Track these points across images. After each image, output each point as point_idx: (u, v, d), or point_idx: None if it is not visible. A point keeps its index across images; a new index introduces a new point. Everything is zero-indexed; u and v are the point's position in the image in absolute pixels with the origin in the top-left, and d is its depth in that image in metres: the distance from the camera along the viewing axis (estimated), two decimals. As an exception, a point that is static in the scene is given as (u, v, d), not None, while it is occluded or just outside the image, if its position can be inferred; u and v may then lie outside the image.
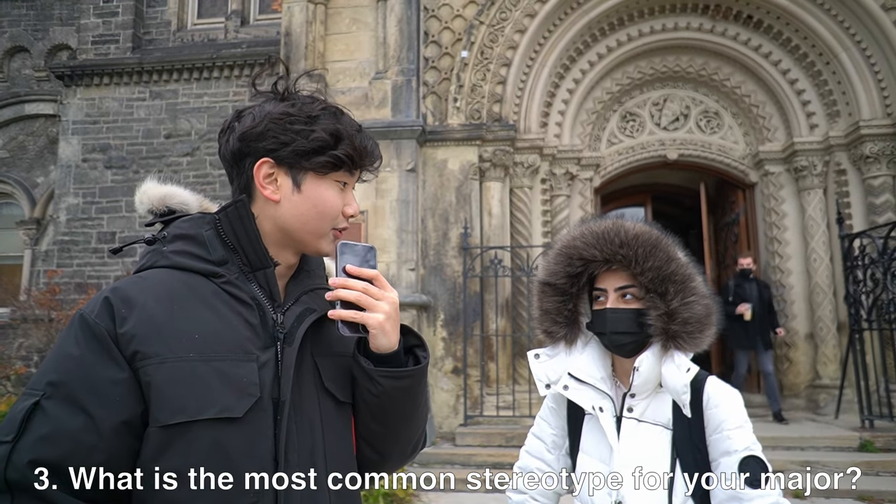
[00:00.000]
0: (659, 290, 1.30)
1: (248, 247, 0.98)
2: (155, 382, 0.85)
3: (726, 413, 1.30)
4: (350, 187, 1.03)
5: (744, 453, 1.26)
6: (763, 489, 1.25)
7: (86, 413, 0.83)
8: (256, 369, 0.90)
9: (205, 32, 9.53)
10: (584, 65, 7.90)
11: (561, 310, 1.42)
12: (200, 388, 0.86)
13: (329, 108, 1.01)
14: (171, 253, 0.96)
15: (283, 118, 0.97)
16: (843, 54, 7.29)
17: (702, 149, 8.13)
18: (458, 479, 5.44)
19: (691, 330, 1.29)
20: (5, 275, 9.53)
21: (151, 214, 1.04)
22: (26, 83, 10.09)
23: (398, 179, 6.94)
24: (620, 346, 1.35)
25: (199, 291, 0.93)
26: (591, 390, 1.39)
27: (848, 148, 7.38)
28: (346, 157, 0.99)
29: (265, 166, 0.98)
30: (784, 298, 7.59)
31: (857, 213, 7.28)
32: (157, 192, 1.04)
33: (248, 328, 0.93)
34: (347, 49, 7.35)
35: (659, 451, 1.32)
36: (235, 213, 0.98)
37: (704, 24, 7.78)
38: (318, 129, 0.97)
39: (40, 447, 0.80)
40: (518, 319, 7.17)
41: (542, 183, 7.71)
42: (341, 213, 1.01)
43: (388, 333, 0.95)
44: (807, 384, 7.39)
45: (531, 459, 1.54)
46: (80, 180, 8.98)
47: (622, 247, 1.32)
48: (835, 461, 5.48)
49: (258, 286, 0.98)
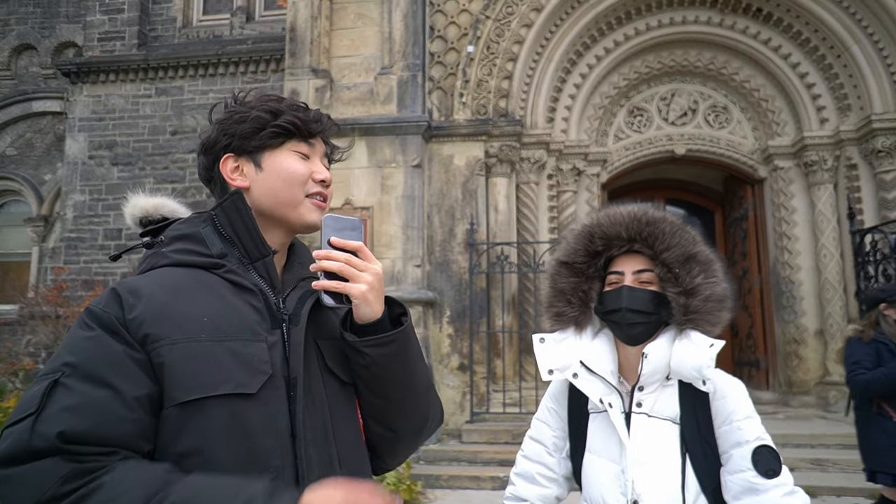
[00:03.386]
0: (684, 267, 1.31)
1: (245, 237, 1.01)
2: (168, 362, 0.86)
3: (735, 404, 1.28)
4: (316, 157, 1.07)
5: (756, 443, 1.24)
6: (778, 478, 1.23)
7: (109, 386, 0.83)
8: (266, 349, 0.93)
9: (210, 29, 9.51)
10: (590, 59, 7.83)
11: (576, 290, 1.40)
12: (213, 366, 0.88)
13: (269, 97, 1.06)
14: (171, 252, 0.99)
15: (227, 117, 1.05)
16: (855, 47, 7.19)
17: (710, 144, 8.05)
18: (465, 476, 5.43)
19: (711, 308, 1.29)
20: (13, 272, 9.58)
21: (142, 226, 1.09)
22: (34, 81, 10.13)
23: (404, 175, 6.91)
24: (631, 325, 1.32)
25: (204, 281, 0.96)
26: (601, 383, 1.36)
27: (859, 142, 7.29)
28: (289, 124, 1.03)
29: (228, 161, 1.04)
30: (793, 295, 7.51)
31: (868, 208, 7.19)
32: (150, 202, 1.10)
33: (254, 312, 0.95)
34: (353, 44, 7.31)
35: (669, 447, 1.30)
36: (232, 205, 1.02)
37: (713, 18, 7.70)
38: (254, 111, 1.03)
39: (68, 417, 0.79)
40: (525, 316, 7.13)
41: (549, 178, 7.66)
42: (311, 179, 1.04)
43: (370, 303, 0.96)
44: (816, 381, 7.32)
45: (530, 464, 1.49)
46: (87, 177, 9.00)
47: (648, 224, 1.34)
48: (846, 459, 5.42)
49: (258, 275, 1.01)
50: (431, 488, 5.26)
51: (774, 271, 7.79)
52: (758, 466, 1.23)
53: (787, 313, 7.52)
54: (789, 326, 7.50)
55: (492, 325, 6.95)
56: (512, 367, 6.92)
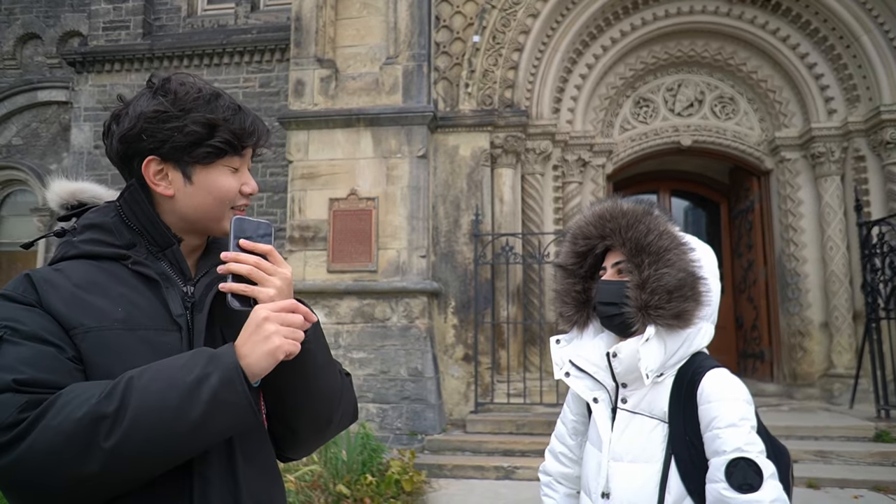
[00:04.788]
0: (636, 260, 1.32)
1: (149, 227, 1.01)
2: (83, 350, 0.89)
3: (718, 409, 1.23)
4: (244, 167, 1.06)
5: (733, 455, 1.18)
6: (754, 494, 1.15)
7: (53, 345, 0.87)
8: (180, 338, 0.95)
9: (215, 18, 9.48)
10: (597, 49, 7.78)
11: (569, 291, 1.45)
12: (127, 354, 0.90)
13: (203, 95, 1.00)
14: (81, 242, 0.99)
15: (156, 116, 0.98)
16: (865, 37, 7.12)
17: (716, 135, 8.00)
18: (469, 466, 5.46)
19: (659, 300, 1.27)
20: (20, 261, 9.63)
21: (64, 210, 1.08)
22: (39, 70, 10.13)
23: (409, 166, 6.90)
24: (608, 317, 1.36)
25: (114, 274, 0.97)
26: (588, 379, 1.40)
27: (867, 134, 7.23)
28: (225, 143, 1.00)
29: (153, 164, 1.00)
30: (799, 287, 7.49)
31: (875, 200, 7.15)
32: (67, 188, 1.09)
33: (161, 301, 0.97)
34: (358, 34, 7.28)
35: (651, 444, 1.30)
36: (131, 197, 1.02)
37: (721, 8, 7.63)
38: (188, 122, 0.98)
39: (23, 368, 0.83)
40: (529, 307, 7.14)
41: (554, 169, 7.64)
42: (238, 192, 1.04)
43: None
44: (821, 373, 7.31)
45: (556, 443, 1.56)
46: (93, 167, 9.01)
47: (610, 221, 1.38)
48: (850, 451, 5.42)
49: (168, 263, 1.02)
50: (435, 478, 5.29)
51: (780, 263, 7.76)
52: (731, 479, 1.17)
53: (793, 305, 7.50)
54: (794, 319, 7.49)
55: (496, 315, 6.96)
56: (516, 357, 6.94)
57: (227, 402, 0.84)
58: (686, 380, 1.31)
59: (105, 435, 0.80)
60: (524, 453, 5.71)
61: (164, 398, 0.82)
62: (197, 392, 0.83)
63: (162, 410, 0.82)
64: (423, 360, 6.49)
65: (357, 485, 4.61)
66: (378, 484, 4.66)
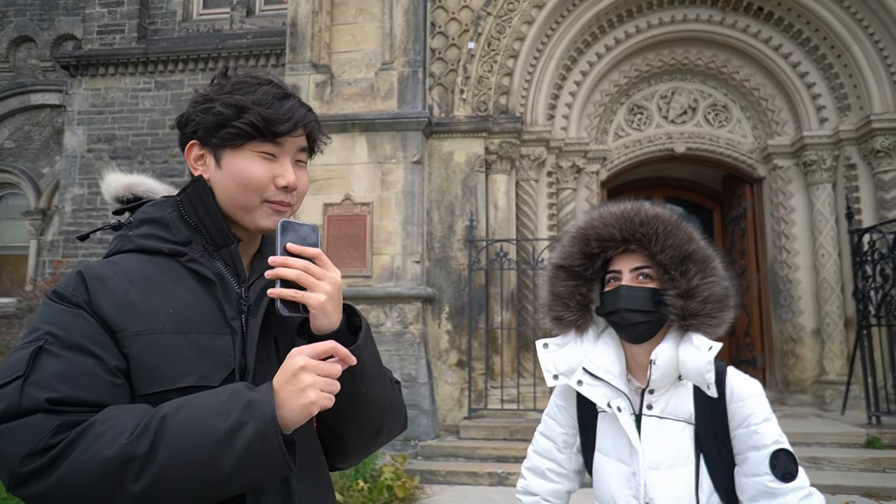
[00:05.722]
0: (679, 268, 1.27)
1: (209, 224, 0.99)
2: (132, 354, 0.86)
3: (753, 407, 1.28)
4: (284, 159, 1.00)
5: (773, 447, 1.25)
6: (795, 482, 1.23)
7: (93, 354, 0.84)
8: (231, 342, 0.92)
9: (210, 23, 9.49)
10: (591, 57, 7.83)
11: (573, 293, 1.38)
12: (176, 358, 0.87)
13: (249, 83, 0.99)
14: (137, 237, 0.97)
15: (198, 101, 1.00)
16: (856, 47, 7.20)
17: (710, 142, 8.06)
18: (462, 472, 5.45)
19: (710, 309, 1.26)
20: (11, 265, 9.57)
21: (118, 203, 1.06)
22: (32, 73, 10.10)
23: (404, 171, 6.91)
24: (632, 325, 1.30)
25: (168, 271, 0.94)
26: (605, 387, 1.34)
27: (858, 142, 7.30)
28: (249, 125, 0.96)
29: (194, 148, 1.01)
30: (791, 294, 7.54)
31: (866, 208, 7.21)
32: (122, 181, 1.07)
33: (216, 303, 0.94)
34: (354, 40, 7.30)
35: (683, 448, 1.29)
36: (195, 192, 0.99)
37: (714, 16, 7.70)
38: (217, 104, 0.97)
39: (57, 384, 0.80)
40: (523, 313, 7.14)
41: (549, 176, 7.66)
42: (272, 184, 0.98)
43: (328, 314, 0.91)
44: (813, 380, 7.35)
45: (541, 459, 1.49)
46: (86, 171, 8.98)
47: (642, 225, 1.31)
48: (841, 457, 5.45)
49: (223, 263, 0.99)
50: (428, 484, 5.28)
51: (772, 270, 7.81)
52: (775, 470, 1.23)
53: (785, 312, 7.54)
54: (786, 325, 7.53)
55: (490, 321, 6.96)
56: (510, 363, 6.94)
57: (261, 456, 0.81)
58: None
59: (134, 478, 0.77)
60: (518, 459, 5.70)
61: (196, 446, 0.79)
62: (232, 442, 0.80)
63: (193, 459, 0.79)
64: (417, 365, 6.48)
65: (349, 491, 4.59)
66: (370, 490, 4.64)
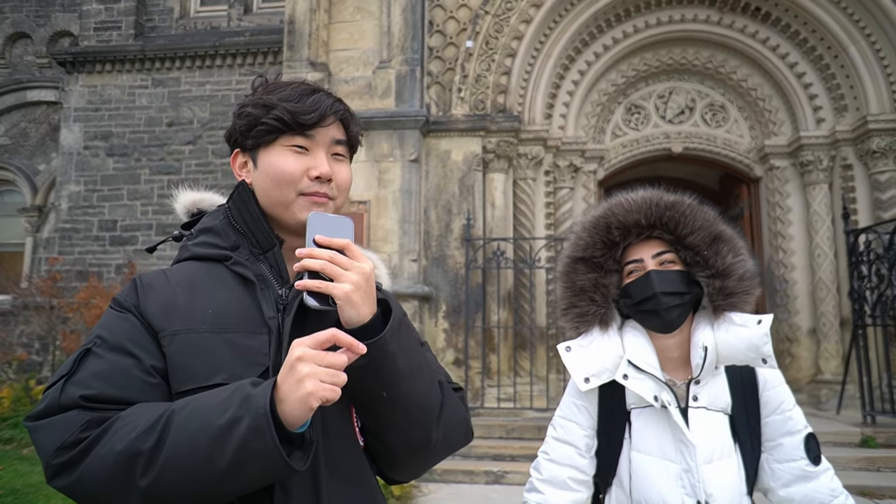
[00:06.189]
0: (712, 248, 1.27)
1: (254, 227, 1.02)
2: (169, 354, 0.90)
3: (784, 394, 1.32)
4: (317, 151, 1.01)
5: (805, 431, 1.29)
6: (824, 463, 1.28)
7: (132, 355, 0.89)
8: (267, 341, 0.93)
9: (207, 20, 9.46)
10: (589, 56, 7.83)
11: (598, 285, 1.33)
12: (210, 357, 0.89)
13: (278, 85, 1.03)
14: (193, 245, 1.03)
15: (235, 110, 1.05)
16: (853, 48, 7.22)
17: (707, 142, 8.07)
18: (459, 471, 5.45)
19: (747, 286, 1.26)
20: (7, 262, 9.53)
21: (189, 217, 1.14)
22: (28, 70, 10.05)
23: (401, 170, 6.91)
24: (667, 309, 1.26)
25: (215, 275, 0.98)
26: (651, 380, 1.29)
27: (855, 143, 7.32)
28: (276, 120, 0.99)
29: (239, 157, 1.06)
30: (787, 294, 7.56)
31: (862, 208, 7.24)
32: (190, 197, 1.15)
33: (255, 303, 0.96)
34: (351, 38, 7.29)
35: (726, 438, 1.28)
36: (238, 197, 1.04)
37: (712, 16, 7.71)
38: (248, 107, 1.02)
39: (94, 382, 0.86)
40: (520, 312, 7.15)
41: (546, 175, 7.67)
42: (306, 176, 1.00)
43: (356, 305, 0.87)
44: (808, 379, 7.37)
45: (560, 469, 1.37)
46: (82, 168, 8.95)
47: (668, 209, 1.30)
48: (836, 456, 5.46)
49: (268, 266, 1.01)
50: (425, 482, 5.28)
51: (769, 270, 7.83)
52: (809, 454, 1.26)
53: (781, 312, 7.57)
54: (783, 325, 7.55)
55: (487, 320, 6.96)
56: (507, 362, 6.95)
57: (256, 452, 0.78)
58: (741, 368, 1.33)
59: (141, 473, 0.79)
60: (514, 458, 5.71)
61: (195, 442, 0.79)
62: (227, 437, 0.78)
63: (191, 456, 0.79)
64: (414, 364, 6.48)
65: (346, 489, 4.58)
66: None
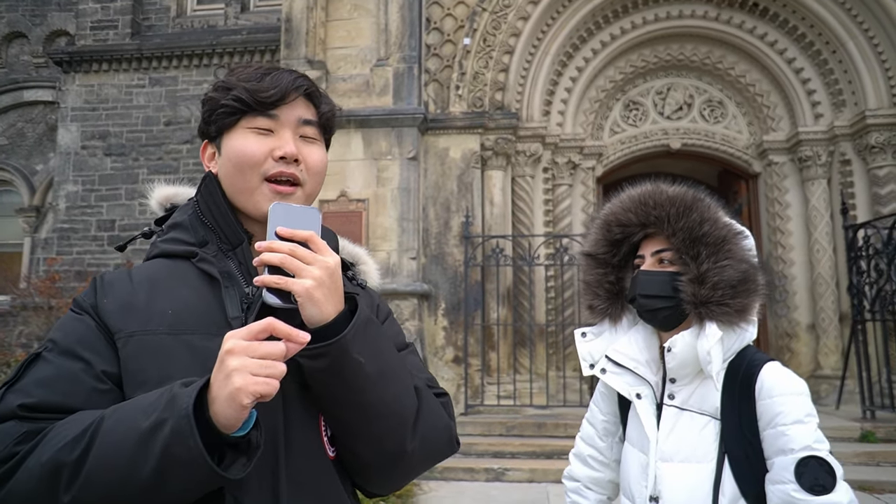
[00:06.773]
0: (691, 252, 1.22)
1: (221, 221, 0.96)
2: (123, 356, 0.86)
3: (782, 405, 1.15)
4: (282, 131, 0.94)
5: (802, 453, 1.11)
6: (827, 497, 1.08)
7: (82, 359, 0.84)
8: None
9: (204, 18, 9.43)
10: (587, 53, 7.82)
11: (601, 282, 1.35)
12: (165, 360, 0.84)
13: (241, 67, 1.00)
14: (161, 242, 0.99)
15: (203, 98, 1.02)
16: (851, 43, 7.21)
17: (705, 138, 8.06)
18: (459, 468, 5.45)
19: (721, 296, 1.18)
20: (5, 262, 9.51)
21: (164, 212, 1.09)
22: (24, 69, 10.02)
23: (399, 167, 6.89)
24: (652, 311, 1.25)
25: (180, 273, 0.93)
26: (629, 375, 1.30)
27: (853, 138, 7.32)
28: (235, 100, 0.94)
29: (207, 148, 1.02)
30: (786, 289, 7.56)
31: (861, 203, 7.24)
32: (164, 192, 1.10)
33: (219, 303, 0.89)
34: (349, 35, 7.27)
35: (703, 443, 1.21)
36: (205, 189, 0.99)
37: (710, 12, 7.70)
38: (211, 91, 0.99)
39: (35, 390, 0.81)
40: (519, 309, 7.15)
41: (545, 172, 7.66)
42: (270, 157, 0.93)
43: (318, 303, 0.80)
44: (808, 375, 7.37)
45: (584, 446, 1.46)
46: (80, 168, 8.93)
47: (655, 208, 1.27)
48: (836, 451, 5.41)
49: (237, 262, 0.94)
50: (425, 480, 5.28)
51: (767, 266, 7.83)
52: (801, 480, 1.09)
53: (780, 307, 7.57)
54: (782, 321, 7.56)
55: (486, 317, 6.96)
56: (506, 359, 6.95)
57: (179, 459, 0.70)
58: (740, 374, 1.23)
59: (64, 487, 0.73)
60: (514, 455, 5.71)
61: (119, 448, 0.72)
62: (151, 442, 0.71)
63: (115, 464, 0.72)
64: (414, 362, 6.47)
65: (347, 488, 4.58)
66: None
